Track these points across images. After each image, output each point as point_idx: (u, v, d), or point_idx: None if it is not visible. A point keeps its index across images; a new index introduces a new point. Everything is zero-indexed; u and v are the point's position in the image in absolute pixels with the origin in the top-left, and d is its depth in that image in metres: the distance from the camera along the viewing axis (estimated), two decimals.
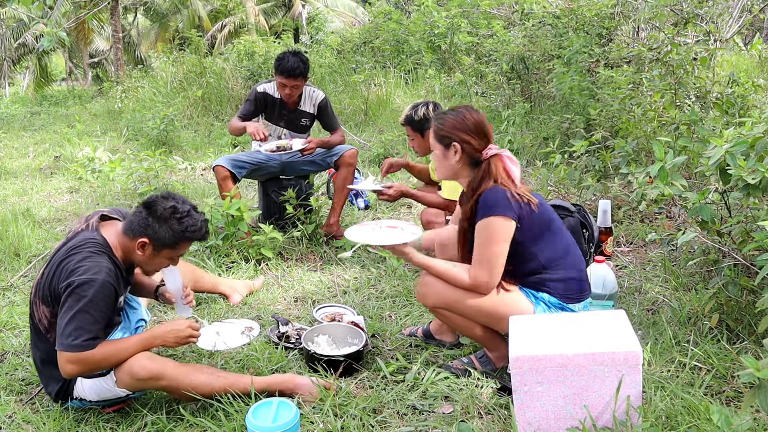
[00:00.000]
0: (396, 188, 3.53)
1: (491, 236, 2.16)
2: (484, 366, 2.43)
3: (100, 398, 2.18)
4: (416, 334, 2.77)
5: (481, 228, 2.17)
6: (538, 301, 2.26)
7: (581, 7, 6.63)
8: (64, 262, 2.08)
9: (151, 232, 2.15)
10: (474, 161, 2.27)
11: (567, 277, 2.27)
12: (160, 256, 2.21)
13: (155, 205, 2.17)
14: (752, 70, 7.74)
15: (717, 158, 2.31)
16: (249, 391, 2.18)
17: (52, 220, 4.69)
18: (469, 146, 2.24)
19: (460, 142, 2.24)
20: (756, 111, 4.26)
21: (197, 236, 2.21)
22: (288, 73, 3.81)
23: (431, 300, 2.31)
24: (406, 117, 3.43)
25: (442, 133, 2.28)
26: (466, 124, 2.25)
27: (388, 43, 10.07)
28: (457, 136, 2.25)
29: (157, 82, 10.29)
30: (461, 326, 2.35)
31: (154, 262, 2.24)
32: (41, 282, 2.15)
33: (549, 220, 2.27)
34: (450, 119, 2.27)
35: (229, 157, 3.97)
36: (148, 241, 2.16)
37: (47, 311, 2.13)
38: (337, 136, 4.10)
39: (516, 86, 7.18)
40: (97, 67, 22.57)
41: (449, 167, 2.31)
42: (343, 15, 19.64)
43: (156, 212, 2.15)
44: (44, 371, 2.23)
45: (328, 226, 3.96)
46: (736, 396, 2.19)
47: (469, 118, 2.26)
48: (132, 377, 2.10)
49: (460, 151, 2.25)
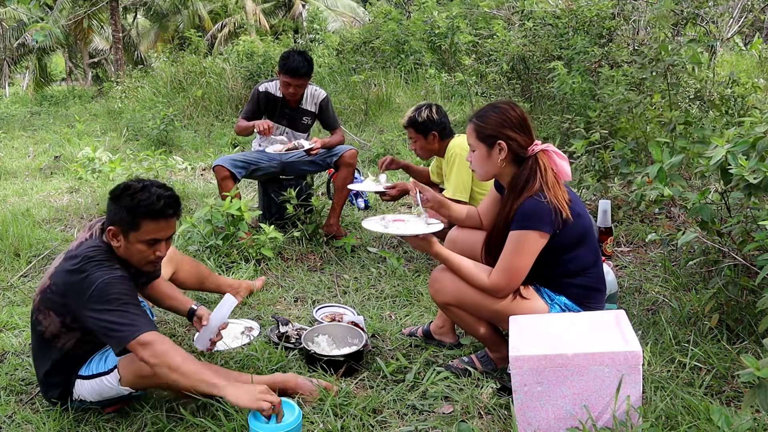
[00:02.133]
0: (399, 187, 3.53)
1: (521, 249, 2.11)
2: (485, 366, 2.43)
3: (102, 398, 2.18)
4: (416, 334, 2.77)
5: (513, 238, 2.12)
6: (554, 304, 2.25)
7: (581, 8, 6.63)
8: (76, 274, 2.01)
9: (113, 217, 2.07)
10: (518, 158, 2.18)
11: (590, 286, 2.25)
12: (132, 243, 2.08)
13: (114, 190, 2.10)
14: (752, 70, 7.74)
15: (718, 158, 2.31)
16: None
17: (52, 220, 4.69)
18: (515, 143, 2.16)
19: (506, 139, 2.15)
20: (756, 111, 4.26)
21: (153, 209, 2.04)
22: (293, 73, 3.82)
23: (444, 297, 2.28)
24: (409, 119, 3.42)
25: (486, 132, 2.17)
26: (510, 120, 2.16)
27: (388, 43, 10.07)
28: (502, 134, 2.15)
29: (157, 82, 10.29)
30: (468, 324, 2.33)
31: (132, 252, 2.10)
32: (48, 291, 2.11)
33: (585, 233, 2.21)
34: (493, 117, 2.17)
35: (228, 157, 3.97)
36: (114, 228, 2.07)
37: (58, 321, 2.10)
38: (338, 135, 4.11)
39: (516, 86, 7.17)
40: (97, 67, 22.57)
41: (492, 167, 2.21)
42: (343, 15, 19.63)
43: (112, 195, 2.08)
44: (45, 379, 2.22)
45: (328, 226, 3.97)
46: (736, 396, 2.19)
47: (513, 115, 2.17)
48: (135, 374, 2.10)
49: (506, 150, 2.16)
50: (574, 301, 2.24)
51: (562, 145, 4.86)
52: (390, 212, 4.63)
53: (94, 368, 2.18)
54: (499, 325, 2.33)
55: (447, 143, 3.45)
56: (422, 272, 3.50)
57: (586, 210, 2.26)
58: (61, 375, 2.19)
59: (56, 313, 2.11)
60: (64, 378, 2.19)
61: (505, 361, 2.40)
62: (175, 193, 2.14)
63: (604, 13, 6.56)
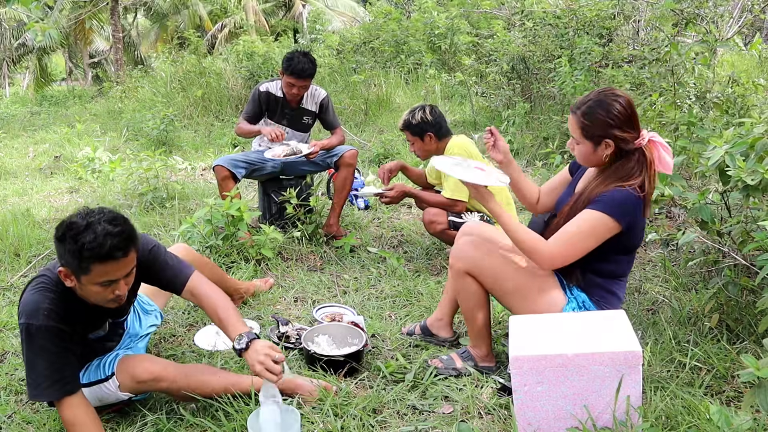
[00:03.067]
0: (397, 189, 3.53)
1: (592, 229, 2.06)
2: (466, 361, 2.43)
3: (102, 403, 2.18)
4: (414, 331, 2.77)
5: (589, 216, 2.06)
6: (573, 299, 2.22)
7: (582, 8, 6.63)
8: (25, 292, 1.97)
9: (61, 259, 1.88)
10: (623, 151, 2.12)
11: (615, 292, 2.24)
12: (85, 285, 1.88)
13: (57, 228, 1.87)
14: (752, 70, 7.74)
15: (716, 159, 2.31)
16: (249, 391, 2.18)
17: (52, 220, 4.68)
18: (623, 141, 2.09)
19: (614, 138, 2.09)
20: (756, 111, 4.26)
21: (101, 253, 1.80)
22: (298, 74, 3.83)
23: (464, 264, 2.27)
24: (404, 122, 3.43)
25: (591, 131, 2.11)
26: (618, 118, 2.08)
27: (388, 43, 10.07)
28: (609, 133, 2.09)
29: (157, 82, 10.29)
30: (474, 302, 2.32)
31: (88, 293, 1.92)
32: None
33: (639, 241, 2.20)
34: (601, 116, 2.09)
35: (229, 157, 3.97)
36: (65, 270, 1.88)
37: None
38: (338, 136, 4.11)
39: (516, 86, 7.18)
40: (97, 67, 22.56)
41: (596, 160, 2.16)
42: (344, 15, 19.63)
43: (56, 235, 1.86)
44: None
45: (328, 227, 3.97)
46: (736, 396, 2.19)
47: (620, 111, 2.08)
48: (134, 380, 2.10)
49: (613, 146, 2.10)
50: (594, 302, 2.22)
51: (562, 145, 4.86)
52: (389, 213, 4.63)
53: (92, 375, 2.16)
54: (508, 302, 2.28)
55: (445, 143, 3.45)
56: (422, 272, 3.50)
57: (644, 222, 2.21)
58: None
59: None
60: None
61: (485, 360, 2.42)
62: (127, 225, 1.89)
63: (605, 13, 6.56)
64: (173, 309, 3.09)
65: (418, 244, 3.96)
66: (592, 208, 2.07)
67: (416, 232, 4.18)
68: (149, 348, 2.60)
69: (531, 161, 5.71)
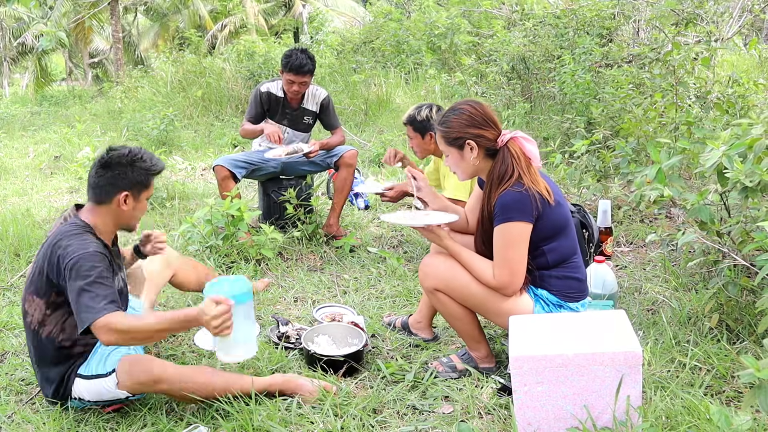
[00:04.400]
0: (397, 189, 3.53)
1: (509, 241, 2.14)
2: (467, 363, 2.43)
3: (100, 399, 2.18)
4: (395, 324, 2.82)
5: (499, 233, 2.16)
6: (538, 299, 2.26)
7: (582, 8, 6.63)
8: (52, 254, 2.08)
9: (125, 183, 2.19)
10: (490, 152, 2.21)
11: (569, 277, 2.27)
12: (140, 201, 2.27)
13: (114, 159, 2.20)
14: (752, 70, 7.74)
15: (714, 161, 2.31)
16: (249, 391, 2.18)
17: (52, 220, 4.68)
18: (484, 139, 2.19)
19: (474, 138, 2.19)
20: (756, 110, 4.26)
21: (161, 166, 2.31)
22: (297, 70, 3.83)
23: (433, 281, 2.29)
24: (409, 116, 3.42)
25: (452, 136, 2.21)
26: (473, 119, 2.19)
27: (388, 43, 10.07)
28: (468, 133, 2.19)
29: (157, 82, 10.29)
30: (452, 314, 2.33)
31: (138, 210, 2.28)
32: (32, 279, 2.16)
33: (565, 222, 2.24)
34: (455, 120, 2.21)
35: (229, 157, 3.97)
36: (128, 193, 2.20)
37: (42, 303, 2.14)
38: (338, 135, 4.11)
39: (516, 86, 7.18)
40: (97, 67, 22.55)
41: (469, 166, 2.25)
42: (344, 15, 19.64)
43: (120, 163, 2.20)
44: (39, 372, 2.23)
45: (328, 227, 3.97)
46: (736, 396, 2.19)
47: (474, 112, 2.20)
48: (133, 380, 2.11)
49: (476, 147, 2.20)
50: (555, 294, 2.25)
51: (562, 145, 4.86)
52: (389, 212, 4.63)
53: (93, 368, 2.18)
54: (484, 315, 2.32)
55: None
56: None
57: (565, 199, 2.29)
58: (55, 368, 2.18)
59: (39, 294, 2.14)
60: (61, 372, 2.19)
61: (484, 361, 2.42)
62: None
63: (605, 13, 6.56)
64: (173, 309, 3.09)
65: (418, 244, 3.96)
66: (498, 223, 2.15)
67: (416, 231, 4.17)
68: (149, 348, 2.60)
69: None
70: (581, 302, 2.31)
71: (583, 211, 3.21)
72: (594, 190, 4.04)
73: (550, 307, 2.26)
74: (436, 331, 2.79)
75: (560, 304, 2.26)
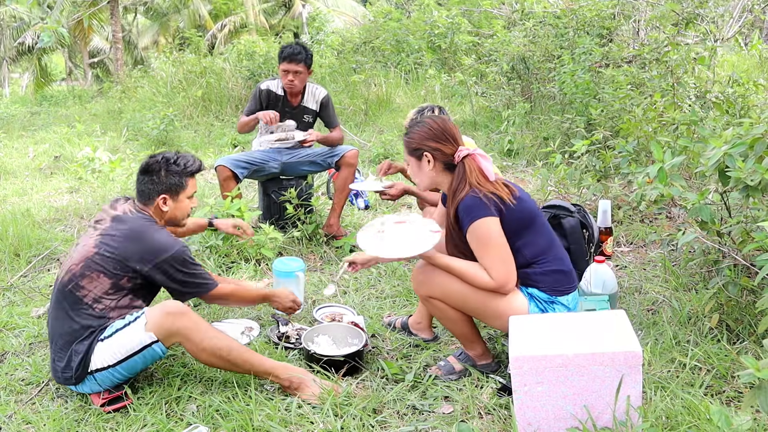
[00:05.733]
0: (398, 187, 3.53)
1: (484, 238, 2.18)
2: (465, 362, 2.44)
3: (122, 355, 2.21)
4: (395, 324, 2.84)
5: (471, 236, 2.21)
6: (531, 298, 2.27)
7: (582, 8, 6.63)
8: (138, 244, 2.28)
9: (163, 186, 2.44)
10: (448, 166, 2.31)
11: (553, 270, 2.28)
12: (180, 201, 2.49)
13: (150, 166, 2.45)
14: (752, 70, 7.74)
15: (716, 160, 2.31)
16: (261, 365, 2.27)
17: (52, 220, 4.68)
18: (440, 153, 2.30)
19: (431, 150, 2.29)
20: (756, 110, 4.26)
21: (196, 167, 2.51)
22: (290, 58, 3.83)
23: (429, 289, 2.31)
24: (412, 121, 3.42)
25: (412, 146, 2.33)
26: (433, 132, 2.30)
27: (388, 42, 10.07)
28: (426, 145, 2.30)
29: (157, 82, 10.29)
30: (448, 319, 2.35)
31: (181, 209, 2.51)
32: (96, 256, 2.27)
33: (531, 215, 2.28)
34: (416, 131, 2.33)
35: (231, 157, 3.97)
36: (166, 195, 2.44)
37: (108, 283, 2.26)
38: (336, 133, 4.11)
39: (516, 86, 7.18)
40: (97, 67, 22.54)
41: (427, 176, 2.36)
42: (344, 15, 19.63)
43: (156, 169, 2.44)
44: (67, 348, 2.26)
45: (329, 227, 3.97)
46: (736, 396, 2.19)
47: (434, 126, 2.31)
48: (163, 311, 2.21)
49: (433, 159, 2.30)
50: (544, 290, 2.27)
51: (562, 145, 4.86)
52: (390, 212, 4.63)
53: (117, 325, 2.24)
54: (482, 319, 2.34)
55: None
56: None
57: (529, 196, 2.35)
58: (86, 341, 2.23)
59: (108, 275, 2.26)
60: (88, 345, 2.23)
61: (481, 358, 2.43)
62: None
63: (605, 13, 6.56)
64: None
65: None
66: (466, 227, 2.21)
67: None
68: None
69: (531, 161, 5.71)
70: (572, 294, 2.32)
71: (583, 211, 3.21)
72: (594, 190, 4.04)
73: (543, 304, 2.27)
74: (436, 331, 2.79)
75: (552, 300, 2.27)
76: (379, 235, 2.36)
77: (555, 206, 3.20)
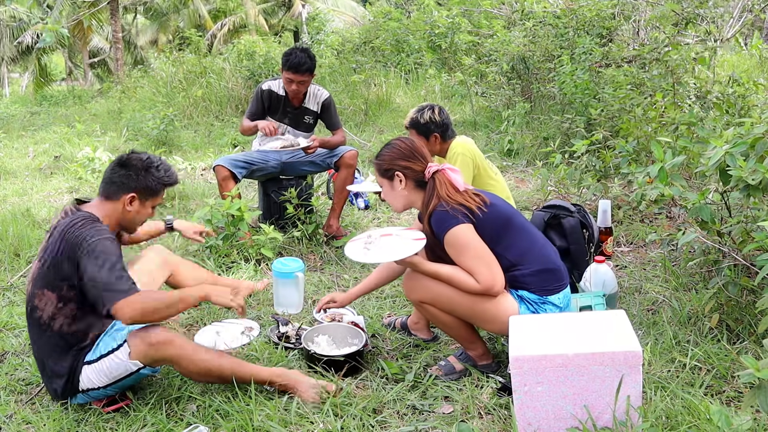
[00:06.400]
0: None
1: (461, 245, 2.22)
2: (465, 362, 2.44)
3: (111, 379, 2.17)
4: (395, 324, 2.84)
5: (449, 244, 2.23)
6: (521, 301, 2.29)
7: (582, 8, 6.63)
8: (65, 243, 2.11)
9: (136, 185, 2.28)
10: (419, 183, 2.37)
11: (539, 270, 2.29)
12: (145, 206, 2.34)
13: (131, 161, 2.30)
14: (752, 69, 7.74)
15: (717, 159, 2.31)
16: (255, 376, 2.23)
17: (52, 220, 4.68)
18: (411, 171, 2.35)
19: (401, 169, 2.35)
20: (757, 110, 4.26)
21: (174, 179, 2.39)
22: (295, 69, 3.82)
23: (419, 294, 2.33)
24: (411, 120, 3.41)
25: (383, 167, 2.39)
26: (401, 152, 2.37)
27: (388, 42, 10.07)
28: (397, 164, 2.36)
29: (157, 82, 10.29)
30: (442, 322, 2.36)
31: (142, 215, 2.35)
32: (39, 274, 2.17)
33: (506, 218, 2.31)
34: (386, 153, 2.40)
35: (229, 157, 3.97)
36: (136, 195, 2.29)
37: (54, 297, 2.15)
38: (339, 135, 4.10)
39: (516, 86, 7.18)
40: (98, 67, 22.54)
41: (400, 196, 2.40)
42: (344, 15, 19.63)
43: (136, 166, 2.29)
44: (47, 369, 2.23)
45: (329, 227, 3.97)
46: (736, 396, 2.19)
47: (403, 146, 2.38)
48: (145, 342, 2.12)
49: (404, 178, 2.36)
50: (534, 291, 2.28)
51: (562, 145, 4.86)
52: (390, 212, 4.63)
53: (102, 349, 2.19)
54: (473, 323, 2.36)
55: (449, 144, 3.44)
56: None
57: (502, 200, 2.39)
58: (65, 361, 2.19)
59: (51, 288, 2.15)
60: (69, 364, 2.19)
61: (482, 358, 2.43)
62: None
63: (605, 13, 6.56)
64: None
65: None
66: (442, 237, 2.24)
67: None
68: None
69: (531, 161, 5.71)
70: (563, 292, 2.33)
71: (583, 211, 3.21)
72: (594, 190, 4.04)
73: (534, 306, 2.28)
74: (435, 331, 2.79)
75: (543, 300, 2.28)
76: (366, 247, 2.38)
77: (555, 206, 3.20)
